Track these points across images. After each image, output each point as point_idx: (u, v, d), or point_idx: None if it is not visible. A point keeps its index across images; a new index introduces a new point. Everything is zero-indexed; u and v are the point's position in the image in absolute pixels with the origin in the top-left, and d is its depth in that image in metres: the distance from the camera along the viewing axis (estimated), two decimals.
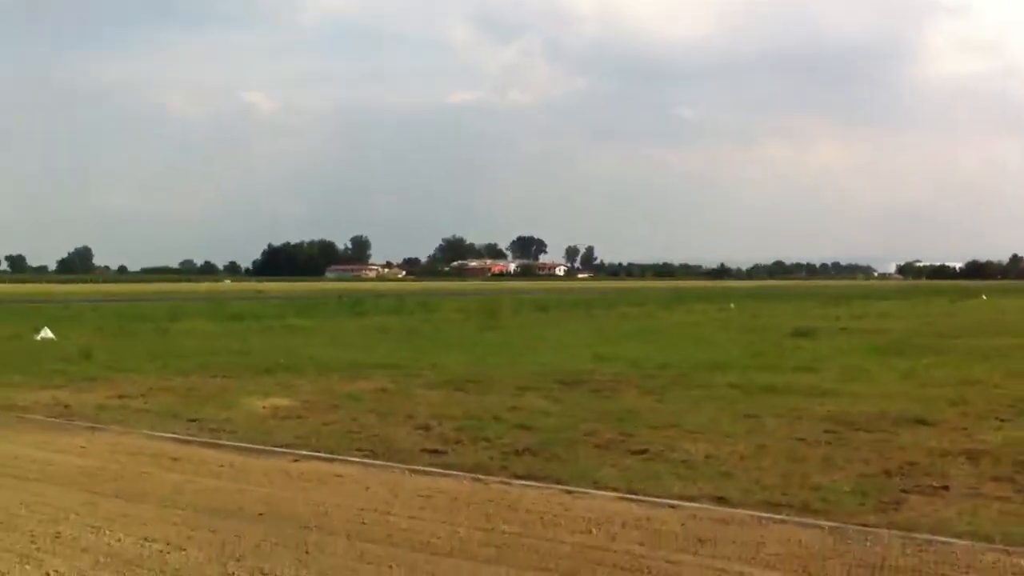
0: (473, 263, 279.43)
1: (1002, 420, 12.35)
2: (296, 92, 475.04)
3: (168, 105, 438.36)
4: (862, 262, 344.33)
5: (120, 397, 15.51)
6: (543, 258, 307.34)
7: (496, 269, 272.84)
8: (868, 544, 6.88)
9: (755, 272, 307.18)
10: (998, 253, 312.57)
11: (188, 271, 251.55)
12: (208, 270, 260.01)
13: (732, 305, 57.18)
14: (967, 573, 6.21)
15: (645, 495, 8.53)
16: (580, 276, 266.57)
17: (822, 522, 7.50)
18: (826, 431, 11.69)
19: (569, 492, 8.67)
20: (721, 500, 8.32)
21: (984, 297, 73.74)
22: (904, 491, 8.55)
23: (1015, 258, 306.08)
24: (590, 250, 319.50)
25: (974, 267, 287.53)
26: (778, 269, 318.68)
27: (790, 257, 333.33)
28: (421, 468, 9.85)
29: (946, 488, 8.62)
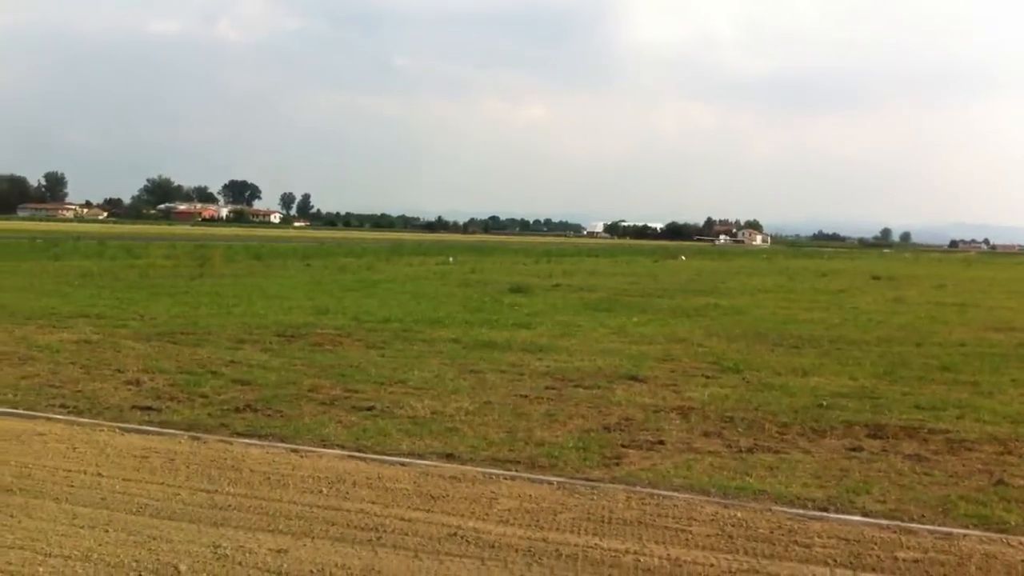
0: (182, 207, 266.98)
1: (707, 377, 13.15)
2: None
3: None
4: (572, 220, 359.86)
5: None
6: (257, 204, 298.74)
7: (207, 214, 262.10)
8: (595, 498, 7.10)
9: (471, 226, 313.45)
10: (695, 216, 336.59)
11: None
12: None
13: (451, 259, 57.99)
14: (689, 525, 6.53)
15: (374, 452, 8.42)
16: (296, 225, 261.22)
17: (550, 477, 7.68)
18: (547, 387, 12.01)
19: (296, 451, 8.40)
20: (450, 457, 8.34)
21: (683, 258, 78.97)
22: (623, 446, 8.91)
23: (709, 221, 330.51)
24: (306, 198, 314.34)
25: (674, 228, 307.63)
26: (493, 224, 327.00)
27: (504, 212, 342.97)
28: (133, 426, 9.25)
29: (661, 443, 9.06)
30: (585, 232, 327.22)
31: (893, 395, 12.05)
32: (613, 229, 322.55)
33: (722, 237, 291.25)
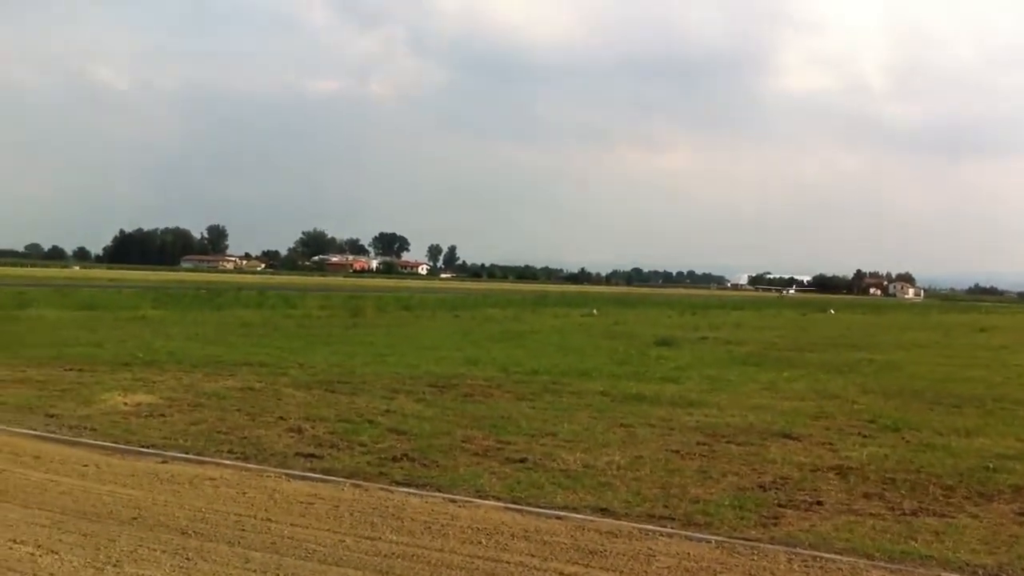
0: (335, 258, 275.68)
1: (864, 436, 12.80)
2: (148, 70, 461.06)
3: (13, 78, 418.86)
4: (715, 272, 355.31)
5: None
6: (406, 256, 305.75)
7: (358, 266, 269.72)
8: (755, 559, 7.01)
9: (613, 277, 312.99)
10: (843, 268, 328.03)
11: (34, 255, 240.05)
12: (56, 255, 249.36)
13: (595, 311, 58.03)
14: None
15: (528, 505, 8.51)
16: (443, 276, 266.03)
17: (708, 536, 7.61)
18: (698, 443, 11.90)
19: (453, 501, 8.57)
20: (604, 511, 8.36)
21: (832, 311, 76.93)
22: (780, 505, 8.76)
23: (859, 274, 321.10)
24: (452, 249, 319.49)
25: (821, 281, 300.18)
26: (636, 275, 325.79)
27: (647, 264, 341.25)
28: (298, 473, 9.59)
29: (820, 503, 8.87)
30: (729, 284, 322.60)
31: None
32: (757, 281, 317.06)
33: (872, 290, 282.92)
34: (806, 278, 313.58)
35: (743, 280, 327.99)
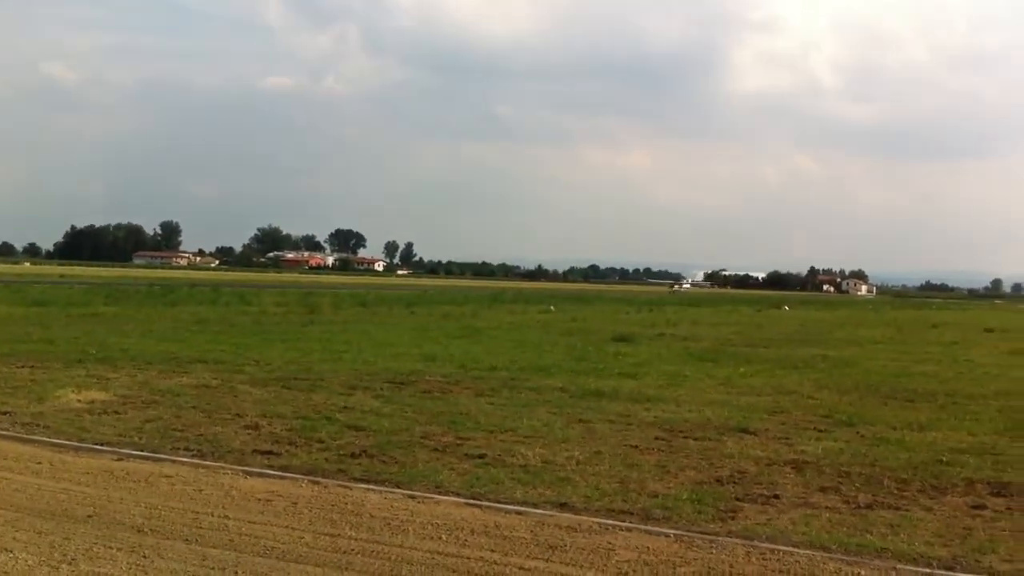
0: (290, 255, 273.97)
1: (820, 431, 12.93)
2: (101, 66, 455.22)
3: None
4: (672, 269, 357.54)
5: None
6: (362, 252, 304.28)
7: (314, 262, 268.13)
8: (714, 551, 7.05)
9: (571, 274, 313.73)
10: (797, 265, 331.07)
11: None
12: (5, 251, 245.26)
13: (552, 308, 58.16)
14: None
15: (488, 500, 8.50)
16: (399, 272, 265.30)
17: (667, 529, 7.65)
18: (656, 438, 11.97)
19: (412, 497, 8.54)
20: (563, 506, 8.37)
21: (787, 308, 77.73)
22: (738, 499, 8.82)
23: (812, 270, 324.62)
24: (409, 246, 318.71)
25: (775, 278, 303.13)
26: (592, 272, 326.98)
27: (604, 261, 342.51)
28: (255, 470, 9.50)
29: (777, 497, 8.95)
30: (689, 282, 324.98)
31: (1015, 451, 11.70)
32: (713, 278, 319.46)
33: (826, 287, 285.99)
34: (761, 274, 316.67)
35: (699, 277, 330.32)
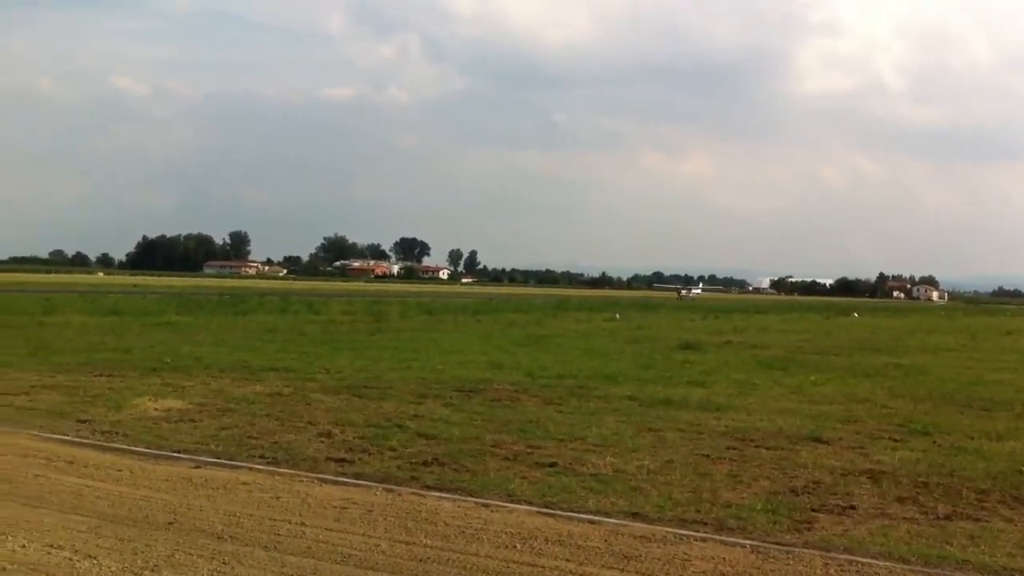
0: (356, 263, 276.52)
1: (895, 440, 12.72)
2: (167, 80, 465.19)
3: (36, 88, 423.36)
4: (736, 275, 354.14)
5: (1, 394, 14.78)
6: (426, 261, 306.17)
7: (379, 271, 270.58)
8: (791, 563, 6.99)
9: (634, 282, 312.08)
10: (866, 271, 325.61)
11: (58, 262, 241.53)
12: (80, 261, 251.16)
13: (617, 315, 57.91)
14: None
15: (560, 509, 8.51)
16: (464, 281, 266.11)
17: (742, 540, 7.59)
18: (728, 447, 11.88)
19: (485, 505, 8.58)
20: (636, 516, 8.35)
21: (856, 315, 76.42)
22: (813, 510, 8.72)
23: (881, 276, 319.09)
24: (473, 254, 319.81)
25: (844, 284, 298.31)
26: (656, 279, 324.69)
27: (667, 267, 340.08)
28: (330, 478, 9.64)
29: (853, 508, 8.83)
30: (751, 288, 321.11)
31: None
32: (780, 285, 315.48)
33: (896, 293, 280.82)
34: (828, 281, 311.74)
35: (765, 284, 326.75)
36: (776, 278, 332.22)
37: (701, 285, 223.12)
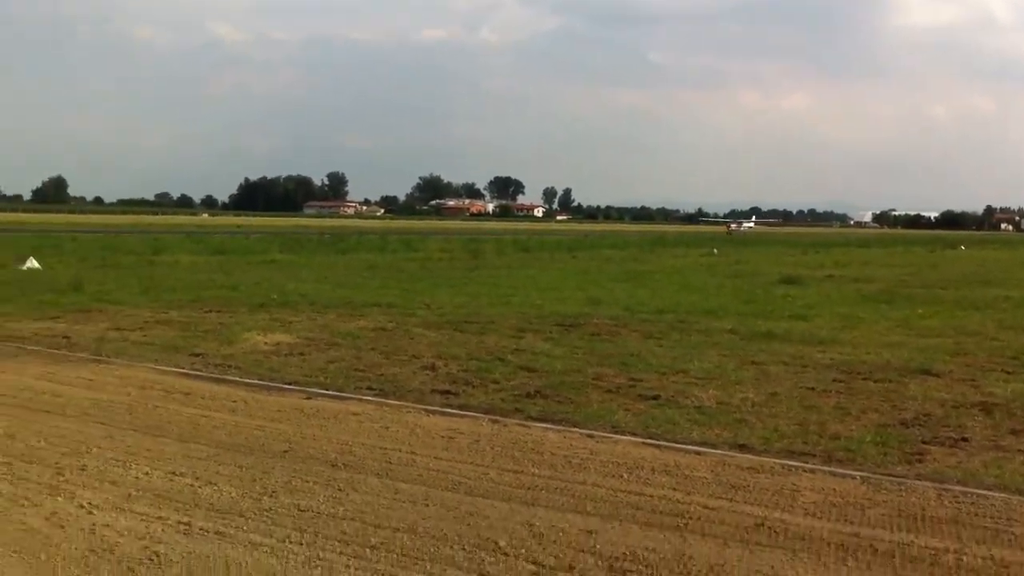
0: (451, 202, 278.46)
1: (1008, 372, 12.36)
2: (265, 24, 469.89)
3: (136, 35, 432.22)
4: (838, 210, 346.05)
5: (118, 329, 15.38)
6: (521, 199, 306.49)
7: (475, 209, 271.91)
8: (903, 494, 6.89)
9: (732, 217, 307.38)
10: (972, 204, 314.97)
11: (165, 204, 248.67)
12: (185, 203, 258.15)
13: (715, 250, 57.29)
14: (1010, 525, 6.23)
15: (665, 440, 8.52)
16: (558, 218, 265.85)
17: (852, 471, 7.51)
18: (834, 380, 11.70)
19: (590, 436, 8.64)
20: (743, 447, 8.31)
21: (963, 248, 74.21)
22: (924, 442, 8.55)
23: (989, 209, 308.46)
24: (567, 192, 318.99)
25: (949, 217, 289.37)
26: (754, 215, 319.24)
27: (765, 203, 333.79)
28: (436, 408, 9.80)
29: (966, 440, 8.63)
30: (852, 222, 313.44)
31: None
32: (883, 219, 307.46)
33: (1004, 226, 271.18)
34: (933, 214, 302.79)
35: (867, 218, 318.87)
36: (878, 212, 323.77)
37: (753, 219, 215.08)
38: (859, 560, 5.61)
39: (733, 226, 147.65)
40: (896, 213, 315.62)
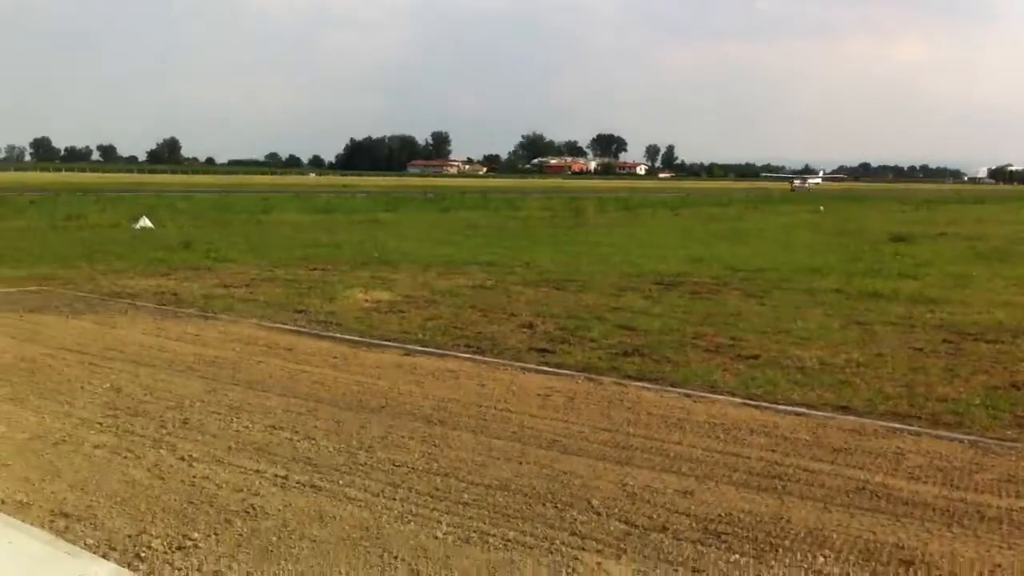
0: (553, 161, 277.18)
1: None
2: None
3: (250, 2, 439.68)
4: (951, 165, 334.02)
5: (225, 286, 15.77)
6: (623, 157, 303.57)
7: (576, 167, 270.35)
8: (1014, 459, 6.64)
9: (839, 174, 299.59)
10: None
11: (274, 164, 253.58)
12: (293, 163, 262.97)
13: (821, 208, 55.97)
14: None
15: (765, 401, 8.36)
16: (661, 176, 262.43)
17: (959, 435, 7.27)
18: (943, 340, 11.35)
19: (688, 395, 8.54)
20: (845, 409, 8.11)
21: None
22: None
23: None
24: (670, 149, 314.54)
25: None
26: (863, 171, 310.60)
27: (876, 158, 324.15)
28: (532, 367, 9.79)
29: None
30: (966, 178, 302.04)
31: None
32: (998, 174, 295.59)
33: None
34: None
35: (982, 173, 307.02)
36: (994, 167, 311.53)
37: (821, 174, 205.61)
38: (965, 527, 5.42)
39: (797, 182, 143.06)
40: (1013, 168, 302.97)
